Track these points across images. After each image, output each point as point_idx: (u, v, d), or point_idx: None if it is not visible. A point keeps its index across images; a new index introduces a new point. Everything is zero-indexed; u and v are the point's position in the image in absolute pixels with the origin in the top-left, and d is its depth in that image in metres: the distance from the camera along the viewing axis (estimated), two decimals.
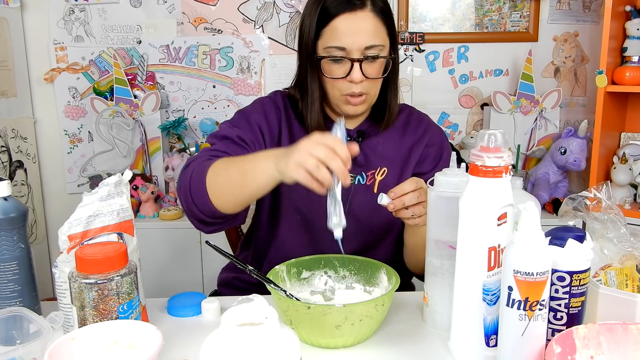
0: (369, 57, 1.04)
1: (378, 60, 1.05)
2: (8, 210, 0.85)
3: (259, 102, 1.19)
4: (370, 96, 1.09)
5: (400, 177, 1.15)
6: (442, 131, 1.25)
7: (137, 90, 2.30)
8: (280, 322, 0.57)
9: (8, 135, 2.12)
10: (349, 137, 1.14)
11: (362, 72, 1.04)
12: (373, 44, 1.03)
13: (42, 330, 0.73)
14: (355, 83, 1.05)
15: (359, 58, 1.03)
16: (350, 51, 1.03)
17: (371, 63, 1.05)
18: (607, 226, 0.79)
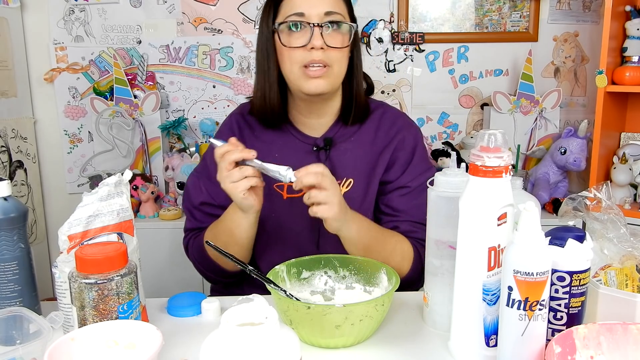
0: (331, 23, 1.01)
1: (340, 31, 1.03)
2: (8, 210, 0.85)
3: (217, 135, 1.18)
4: (334, 71, 1.04)
5: (367, 188, 1.11)
6: (417, 133, 1.18)
7: (137, 90, 2.30)
8: (280, 322, 0.57)
9: (8, 135, 2.12)
10: (316, 147, 1.11)
11: (323, 40, 1.01)
12: (332, 10, 1.02)
13: (42, 330, 0.73)
14: (315, 50, 1.01)
15: (319, 23, 1.01)
16: (309, 16, 1.01)
17: (333, 32, 1.02)
18: (607, 226, 0.79)
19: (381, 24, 2.29)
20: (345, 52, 1.05)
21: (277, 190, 1.10)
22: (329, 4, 1.02)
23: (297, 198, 1.06)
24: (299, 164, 1.02)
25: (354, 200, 1.08)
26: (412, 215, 1.08)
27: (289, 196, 1.10)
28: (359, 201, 1.09)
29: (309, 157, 1.11)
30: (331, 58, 1.03)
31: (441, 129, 2.39)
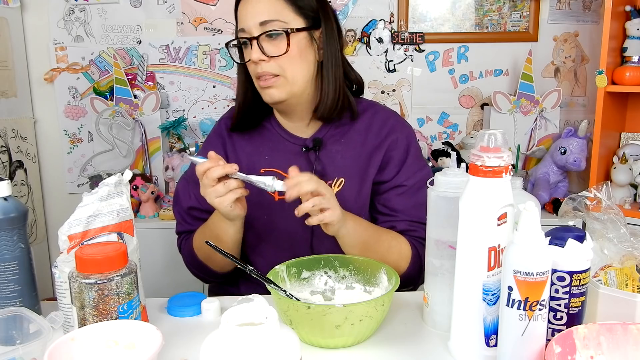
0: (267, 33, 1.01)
1: (279, 38, 1.02)
2: (8, 210, 0.85)
3: (206, 142, 1.22)
4: (285, 78, 1.04)
5: (360, 187, 1.10)
6: (410, 132, 1.16)
7: (137, 90, 2.30)
8: (280, 322, 0.57)
9: (8, 135, 2.12)
10: (305, 147, 1.11)
11: (262, 51, 1.01)
12: (267, 19, 1.01)
13: (42, 330, 0.73)
14: (256, 63, 1.03)
15: (255, 36, 1.01)
16: (249, 30, 1.02)
17: (272, 40, 1.02)
18: (607, 226, 0.79)
19: (381, 24, 2.29)
20: (292, 56, 1.03)
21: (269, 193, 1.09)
22: (264, 14, 1.01)
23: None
24: (289, 165, 1.03)
25: (347, 199, 1.08)
26: (409, 215, 1.08)
27: (280, 198, 1.10)
28: (351, 200, 1.09)
29: (299, 158, 1.11)
30: (275, 67, 1.03)
31: (441, 129, 2.39)
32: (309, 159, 1.11)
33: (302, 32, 1.04)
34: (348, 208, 1.04)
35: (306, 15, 1.05)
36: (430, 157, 2.26)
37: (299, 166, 1.06)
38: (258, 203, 1.09)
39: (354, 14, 2.29)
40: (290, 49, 1.02)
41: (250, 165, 1.12)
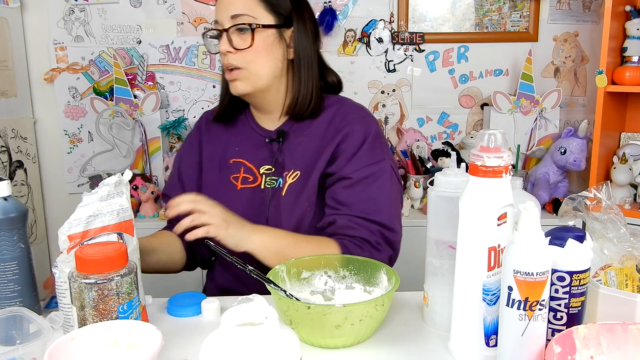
0: (236, 26, 1.05)
1: (248, 32, 1.06)
2: (8, 210, 0.85)
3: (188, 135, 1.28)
4: (249, 72, 1.08)
5: (307, 181, 1.10)
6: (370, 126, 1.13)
7: (137, 90, 2.30)
8: (280, 322, 0.57)
9: (8, 135, 2.12)
10: (269, 139, 1.16)
11: (230, 43, 1.06)
12: (238, 12, 1.05)
13: (42, 330, 0.73)
14: (225, 55, 1.08)
15: (225, 28, 1.06)
16: (221, 22, 1.07)
17: (240, 34, 1.07)
18: (607, 226, 0.79)
19: (381, 24, 2.29)
20: (258, 51, 1.07)
21: (232, 181, 1.16)
22: (236, 7, 1.06)
23: (250, 189, 1.14)
24: (254, 155, 1.15)
25: (294, 192, 1.11)
26: (353, 210, 1.06)
27: (242, 187, 1.15)
28: (300, 193, 1.11)
29: (263, 149, 1.16)
30: (241, 60, 1.07)
31: (441, 129, 2.39)
32: (272, 150, 1.15)
33: (270, 29, 1.08)
34: (293, 200, 1.09)
35: (277, 14, 1.09)
36: (430, 157, 2.26)
37: (264, 157, 1.16)
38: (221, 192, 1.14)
39: (354, 14, 2.29)
40: (255, 44, 1.06)
41: (223, 155, 1.19)
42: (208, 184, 1.19)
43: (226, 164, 1.18)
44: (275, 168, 1.14)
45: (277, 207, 1.11)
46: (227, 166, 1.18)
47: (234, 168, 1.17)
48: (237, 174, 1.16)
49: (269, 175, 1.14)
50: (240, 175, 1.16)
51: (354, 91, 2.32)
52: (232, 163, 1.17)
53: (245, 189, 1.15)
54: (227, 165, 1.18)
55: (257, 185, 1.14)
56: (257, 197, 1.13)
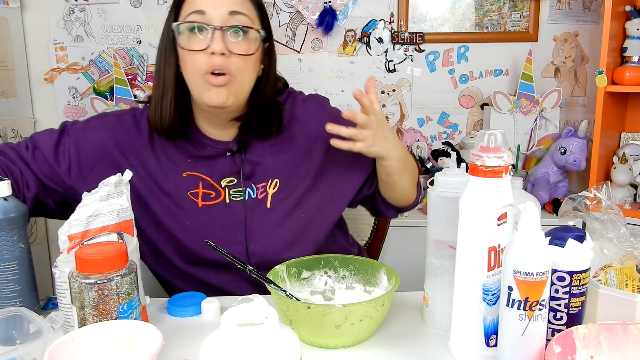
0: (234, 27, 0.93)
1: (246, 37, 0.94)
2: (8, 210, 0.85)
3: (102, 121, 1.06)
4: (237, 81, 0.95)
5: (297, 184, 1.06)
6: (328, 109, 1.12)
7: (137, 90, 2.30)
8: (280, 322, 0.57)
9: (8, 135, 2.12)
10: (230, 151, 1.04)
11: (225, 44, 0.92)
12: (238, 9, 0.93)
13: (42, 330, 0.73)
14: (216, 55, 0.91)
15: (221, 26, 0.92)
16: (210, 17, 0.92)
17: (237, 36, 0.93)
18: (607, 226, 0.79)
19: (381, 24, 2.29)
20: (251, 60, 0.96)
21: (191, 198, 1.04)
22: (234, 3, 0.93)
23: (213, 206, 1.04)
24: (215, 171, 1.03)
25: (286, 200, 1.06)
26: None
27: (204, 204, 1.04)
28: (292, 202, 1.06)
29: (223, 162, 1.05)
30: (234, 66, 0.93)
31: (441, 129, 2.39)
32: (235, 162, 1.05)
33: (263, 41, 0.99)
34: (288, 210, 1.05)
35: (263, 24, 1.00)
36: (430, 157, 2.26)
37: (224, 171, 1.04)
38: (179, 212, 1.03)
39: (354, 14, 2.29)
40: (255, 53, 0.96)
41: (172, 168, 1.04)
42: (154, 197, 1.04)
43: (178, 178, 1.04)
44: (237, 179, 1.05)
45: (261, 221, 1.05)
46: (181, 180, 1.04)
47: (190, 183, 1.04)
48: (195, 190, 1.04)
49: (232, 187, 1.04)
50: (199, 192, 1.04)
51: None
52: (186, 176, 1.04)
53: (209, 207, 1.04)
54: (180, 179, 1.04)
55: (222, 200, 1.04)
56: (224, 213, 1.04)
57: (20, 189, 0.98)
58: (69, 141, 1.03)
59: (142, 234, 1.02)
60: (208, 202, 1.04)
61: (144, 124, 1.06)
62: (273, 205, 1.05)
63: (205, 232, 1.03)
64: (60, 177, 1.02)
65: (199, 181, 1.04)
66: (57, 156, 1.02)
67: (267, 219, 1.05)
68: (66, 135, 1.04)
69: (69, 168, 1.02)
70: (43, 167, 1.01)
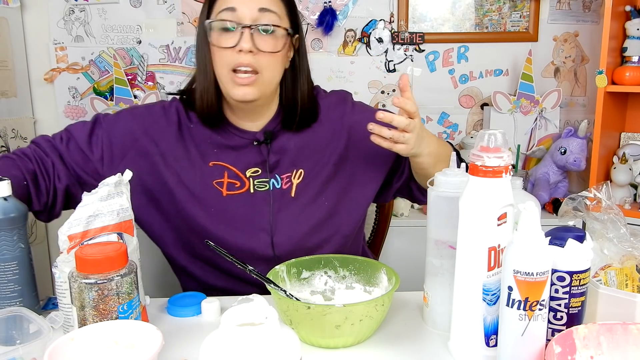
0: (262, 26, 0.97)
1: (274, 35, 0.98)
2: (8, 210, 0.85)
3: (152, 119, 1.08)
4: (263, 78, 0.99)
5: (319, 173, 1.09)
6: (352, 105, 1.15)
7: (137, 90, 2.30)
8: (280, 322, 0.57)
9: (8, 135, 2.12)
10: (257, 141, 1.07)
11: (253, 42, 0.96)
12: (267, 7, 0.96)
13: (42, 330, 0.73)
14: (244, 53, 0.96)
15: (250, 25, 0.96)
16: (241, 14, 0.96)
17: (265, 36, 0.97)
18: (607, 226, 0.79)
19: (381, 24, 2.29)
20: (278, 57, 1.00)
21: (216, 187, 1.06)
22: (264, 0, 0.97)
23: (237, 195, 1.07)
24: (239, 160, 1.06)
25: (310, 191, 1.08)
26: None
27: (228, 193, 1.06)
28: (315, 190, 1.08)
29: (249, 152, 1.08)
30: (261, 63, 0.98)
31: (441, 129, 2.39)
32: (261, 153, 1.08)
33: (290, 36, 1.02)
34: (309, 198, 1.06)
35: (291, 18, 1.03)
36: None
37: (249, 161, 1.07)
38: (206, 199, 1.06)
39: (354, 14, 2.29)
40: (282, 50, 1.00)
41: (199, 157, 1.07)
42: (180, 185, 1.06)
43: (204, 167, 1.07)
44: (261, 170, 1.07)
45: (286, 210, 1.07)
46: (207, 169, 1.07)
47: (215, 172, 1.07)
48: (220, 179, 1.06)
49: (257, 177, 1.07)
50: (224, 181, 1.06)
51: (354, 91, 2.30)
52: (212, 166, 1.07)
53: (232, 196, 1.07)
54: (206, 168, 1.07)
55: (246, 190, 1.07)
56: (249, 203, 1.06)
57: (51, 180, 1.02)
58: (102, 132, 1.07)
59: (169, 221, 1.07)
60: (233, 192, 1.07)
61: (172, 114, 1.09)
62: (297, 194, 1.08)
63: (230, 220, 1.06)
64: (94, 166, 1.05)
65: (225, 170, 1.07)
66: (90, 145, 1.06)
67: (292, 207, 1.08)
68: (99, 126, 1.08)
69: (102, 157, 1.05)
70: (77, 157, 1.05)
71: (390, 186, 1.17)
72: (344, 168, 1.11)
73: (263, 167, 1.08)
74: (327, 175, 1.10)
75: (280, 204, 1.07)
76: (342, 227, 1.11)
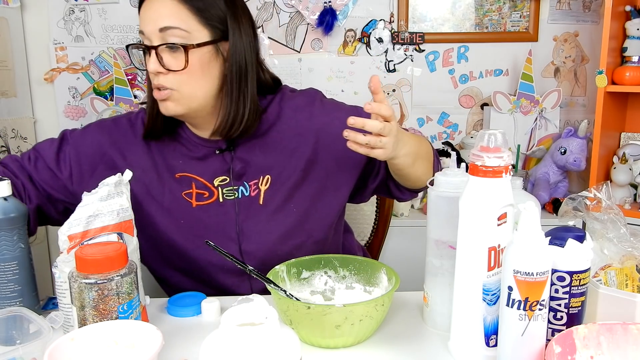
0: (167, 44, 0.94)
1: (180, 51, 0.94)
2: (8, 210, 0.85)
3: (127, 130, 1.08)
4: (181, 94, 0.96)
5: (287, 179, 1.06)
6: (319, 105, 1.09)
7: (137, 90, 2.30)
8: (280, 322, 0.57)
9: (8, 135, 2.12)
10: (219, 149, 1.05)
11: (160, 62, 0.94)
12: (168, 25, 0.93)
13: (42, 330, 0.73)
14: (155, 75, 0.95)
15: (154, 45, 0.94)
16: (148, 35, 0.96)
17: (172, 52, 0.94)
18: (607, 226, 0.79)
19: (381, 24, 2.29)
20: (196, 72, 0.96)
21: (185, 198, 1.05)
22: (165, 19, 0.94)
23: (207, 205, 1.05)
24: (206, 170, 1.04)
25: (278, 196, 1.05)
26: None
27: (198, 204, 1.05)
28: (283, 196, 1.05)
29: (214, 160, 1.05)
30: (173, 81, 0.95)
31: (441, 129, 2.39)
32: (225, 161, 1.05)
33: (206, 46, 0.96)
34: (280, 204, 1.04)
35: (212, 26, 0.97)
36: None
37: (216, 170, 1.05)
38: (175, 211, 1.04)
39: (354, 14, 2.29)
40: (190, 65, 0.94)
41: (166, 169, 1.06)
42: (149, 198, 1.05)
43: (172, 179, 1.05)
44: (229, 178, 1.05)
45: (254, 218, 1.05)
46: (174, 181, 1.05)
47: (183, 183, 1.05)
48: (189, 190, 1.05)
49: (225, 186, 1.05)
50: (193, 192, 1.05)
51: (354, 91, 2.33)
52: (179, 177, 1.05)
53: (202, 206, 1.05)
54: (173, 180, 1.05)
55: (215, 199, 1.05)
56: (219, 212, 1.04)
57: (22, 201, 0.98)
58: (69, 148, 1.06)
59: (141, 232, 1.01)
60: (202, 202, 1.05)
61: (139, 126, 1.08)
62: (265, 201, 1.05)
63: (200, 231, 1.04)
64: (63, 183, 1.04)
65: (192, 182, 1.05)
66: (58, 163, 1.04)
67: (260, 215, 1.05)
68: (66, 143, 1.06)
69: (71, 174, 1.04)
70: (45, 176, 1.04)
71: (366, 187, 1.14)
72: (314, 172, 1.07)
73: (229, 174, 1.05)
74: (295, 181, 1.06)
75: (248, 211, 1.05)
76: (314, 233, 1.08)
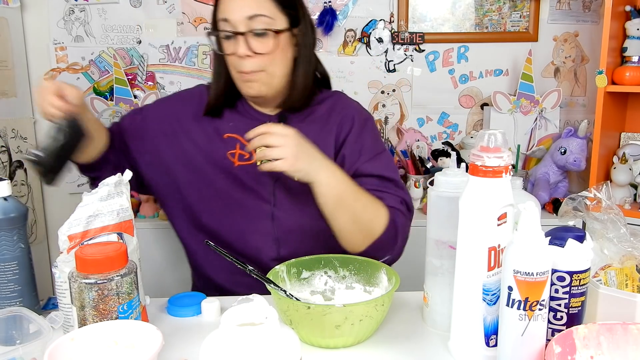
0: (255, 31, 1.02)
1: (269, 34, 1.03)
2: (8, 210, 0.85)
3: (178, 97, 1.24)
4: (269, 75, 1.07)
5: None
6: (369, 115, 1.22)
7: (137, 90, 2.30)
8: (280, 322, 0.57)
9: (8, 135, 2.12)
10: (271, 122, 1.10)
11: (248, 47, 1.03)
12: (256, 13, 1.02)
13: (42, 330, 0.73)
14: (242, 59, 1.04)
15: (242, 31, 1.02)
16: (234, 23, 1.03)
17: (260, 38, 1.03)
18: (607, 226, 0.79)
19: (381, 24, 2.29)
20: (276, 54, 1.06)
21: (229, 158, 1.13)
22: (251, 7, 1.02)
23: (249, 165, 1.11)
24: None
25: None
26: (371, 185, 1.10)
27: (239, 164, 1.13)
28: None
29: None
30: (261, 64, 1.05)
31: (441, 129, 2.39)
32: None
33: (287, 31, 1.06)
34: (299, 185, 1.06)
35: (288, 13, 1.07)
36: (430, 157, 2.26)
37: None
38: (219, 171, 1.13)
39: (354, 14, 2.28)
40: (275, 48, 1.05)
41: (214, 132, 1.15)
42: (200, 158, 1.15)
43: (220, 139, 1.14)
44: None
45: (290, 191, 1.11)
46: (222, 141, 1.14)
47: (229, 144, 1.13)
48: (233, 150, 1.13)
49: None
50: (236, 152, 1.13)
51: (354, 91, 2.32)
52: (226, 138, 1.13)
53: (244, 166, 1.12)
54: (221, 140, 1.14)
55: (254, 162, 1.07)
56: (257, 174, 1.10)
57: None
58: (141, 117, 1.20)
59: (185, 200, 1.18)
60: (242, 162, 1.13)
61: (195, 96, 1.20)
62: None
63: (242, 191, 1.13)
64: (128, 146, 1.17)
65: (237, 143, 1.12)
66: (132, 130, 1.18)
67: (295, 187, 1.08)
68: (139, 112, 1.22)
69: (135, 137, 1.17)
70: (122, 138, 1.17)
71: None
72: None
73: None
74: None
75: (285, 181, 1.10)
76: None
